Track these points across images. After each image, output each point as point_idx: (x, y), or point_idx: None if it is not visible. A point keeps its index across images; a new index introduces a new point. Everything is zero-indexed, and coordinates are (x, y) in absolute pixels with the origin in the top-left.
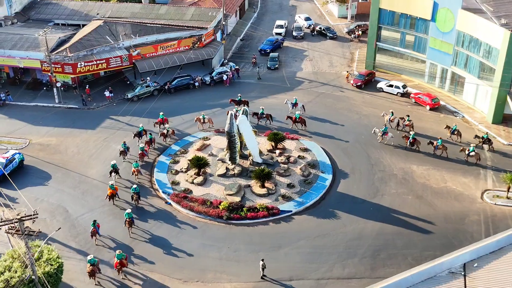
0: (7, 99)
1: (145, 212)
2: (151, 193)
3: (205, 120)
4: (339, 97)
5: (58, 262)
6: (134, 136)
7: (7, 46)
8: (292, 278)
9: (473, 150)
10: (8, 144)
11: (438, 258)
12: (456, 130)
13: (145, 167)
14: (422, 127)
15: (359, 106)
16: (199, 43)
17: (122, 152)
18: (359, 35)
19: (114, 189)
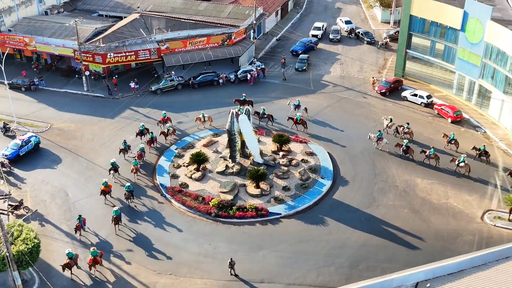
0: (40, 84)
1: (136, 211)
2: (146, 193)
3: (205, 119)
4: (360, 103)
5: (34, 242)
6: (137, 135)
7: (47, 33)
8: (263, 281)
9: (463, 161)
10: (30, 127)
11: (390, 274)
12: (454, 140)
13: (145, 167)
14: (437, 140)
15: (378, 113)
16: (228, 40)
17: (122, 150)
18: (386, 42)
19: (107, 186)
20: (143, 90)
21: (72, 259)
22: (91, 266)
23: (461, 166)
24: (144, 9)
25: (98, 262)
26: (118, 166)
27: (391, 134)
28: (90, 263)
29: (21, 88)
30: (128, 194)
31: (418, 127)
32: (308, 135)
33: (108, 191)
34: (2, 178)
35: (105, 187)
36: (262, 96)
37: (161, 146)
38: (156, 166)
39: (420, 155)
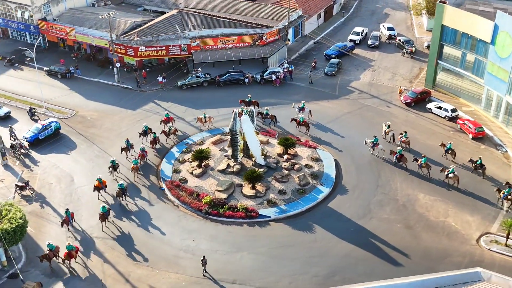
0: (76, 72)
1: (126, 209)
2: (139, 193)
3: (206, 119)
4: (382, 112)
5: (19, 223)
6: (140, 135)
7: (87, 25)
8: (235, 282)
9: (453, 172)
10: (57, 113)
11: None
12: (451, 149)
13: (148, 167)
14: (458, 156)
15: (398, 124)
16: (259, 41)
17: (125, 149)
18: (411, 51)
19: (101, 182)
20: (170, 85)
21: (52, 251)
22: (64, 260)
23: (450, 177)
24: (186, 5)
25: (73, 256)
26: (117, 165)
27: (387, 140)
28: (65, 257)
29: (58, 75)
30: (120, 191)
31: (436, 140)
32: (313, 140)
33: (102, 187)
34: (19, 159)
35: (99, 183)
36: (284, 98)
37: (161, 146)
38: (162, 160)
39: (415, 165)
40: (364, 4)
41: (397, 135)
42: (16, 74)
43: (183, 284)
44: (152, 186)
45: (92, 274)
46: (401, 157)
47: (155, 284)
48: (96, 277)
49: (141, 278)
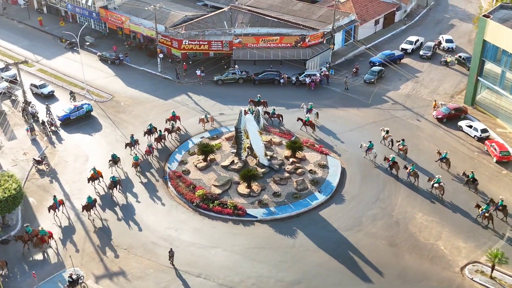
0: (125, 59)
1: (118, 199)
2: (135, 188)
3: (208, 120)
4: (409, 125)
5: (12, 193)
6: (145, 134)
7: (142, 15)
8: (200, 276)
9: (438, 182)
10: (95, 96)
11: None
12: (445, 158)
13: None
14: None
15: (421, 139)
16: (302, 42)
17: (128, 144)
18: (447, 61)
19: (96, 173)
20: (208, 79)
21: (28, 233)
22: (36, 244)
23: (436, 187)
24: (244, 3)
25: (45, 241)
26: (118, 159)
27: (386, 145)
28: (37, 241)
29: (108, 61)
30: (111, 184)
31: (456, 160)
32: (326, 146)
33: (96, 178)
34: (47, 135)
35: (93, 174)
36: (315, 102)
37: (162, 147)
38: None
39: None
40: (432, 13)
41: (396, 140)
42: (73, 57)
43: (151, 271)
44: (149, 183)
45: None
46: (394, 164)
47: (125, 267)
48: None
49: (114, 260)
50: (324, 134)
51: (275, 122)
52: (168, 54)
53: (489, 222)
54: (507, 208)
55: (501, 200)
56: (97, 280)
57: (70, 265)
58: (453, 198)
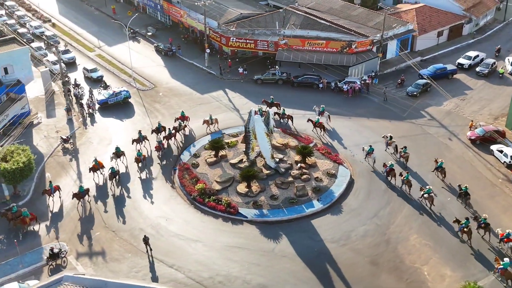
0: (177, 52)
1: (112, 190)
2: (134, 179)
3: (212, 121)
4: (438, 144)
5: (19, 166)
6: (152, 132)
7: (200, 10)
8: (173, 266)
9: (428, 192)
10: (139, 84)
11: None
12: (441, 168)
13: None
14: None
15: (446, 159)
16: (348, 48)
17: (136, 140)
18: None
19: (97, 164)
20: (249, 77)
21: (13, 213)
22: (16, 223)
23: (425, 197)
24: (305, 4)
25: (26, 222)
26: (121, 152)
27: (389, 152)
28: (18, 221)
29: (162, 52)
30: (111, 175)
31: (475, 184)
32: (339, 152)
33: (98, 168)
34: (83, 117)
35: (95, 164)
36: (345, 109)
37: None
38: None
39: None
40: (508, 29)
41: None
42: (132, 45)
43: (129, 255)
44: (152, 175)
45: (59, 227)
46: (390, 171)
47: (107, 248)
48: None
49: (100, 240)
50: (345, 143)
51: (284, 123)
52: (219, 50)
53: (468, 238)
54: (489, 226)
55: (484, 218)
56: (77, 257)
57: (59, 240)
58: (447, 214)
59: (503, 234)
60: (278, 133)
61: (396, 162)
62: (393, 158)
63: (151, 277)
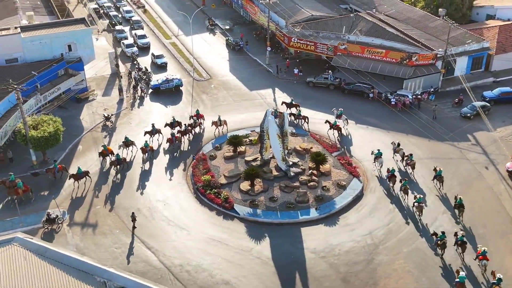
0: (245, 47)
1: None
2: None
3: (221, 123)
4: (472, 170)
5: (44, 135)
6: (165, 126)
7: (274, 9)
8: (151, 249)
9: (419, 201)
10: (197, 74)
11: None
12: (439, 176)
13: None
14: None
15: (472, 188)
16: (408, 60)
17: (148, 132)
18: None
19: (106, 149)
20: (303, 79)
21: (10, 181)
22: (9, 193)
23: (415, 206)
24: (385, 11)
25: (18, 193)
26: (130, 142)
27: (396, 159)
28: (11, 191)
29: (230, 46)
30: (115, 161)
31: (493, 220)
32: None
33: (106, 154)
34: (134, 98)
35: (104, 150)
36: (385, 123)
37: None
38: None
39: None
40: None
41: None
42: (207, 37)
43: (116, 232)
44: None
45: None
46: (391, 176)
47: (101, 223)
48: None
49: (98, 215)
50: (371, 156)
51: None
52: (285, 49)
53: (442, 252)
54: (466, 245)
55: (462, 236)
56: (71, 225)
57: (61, 208)
58: (437, 226)
59: (480, 251)
60: (306, 137)
61: (406, 171)
62: (401, 165)
63: (126, 255)
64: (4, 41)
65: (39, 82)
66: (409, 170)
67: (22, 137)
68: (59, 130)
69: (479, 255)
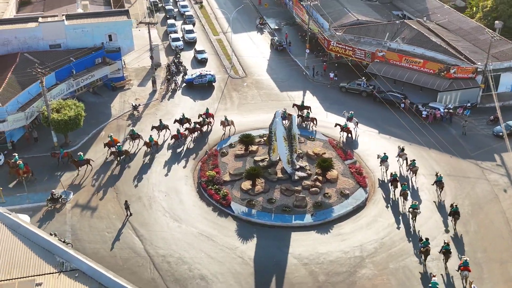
0: (288, 48)
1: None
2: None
3: (229, 123)
4: (487, 191)
5: (64, 119)
6: (175, 122)
7: (321, 12)
8: (140, 236)
9: (413, 207)
10: (233, 72)
11: None
12: (439, 182)
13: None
14: (489, 269)
15: (484, 209)
16: (445, 72)
17: (156, 127)
18: None
19: (112, 140)
20: (337, 84)
21: (14, 162)
22: (11, 172)
23: (409, 211)
24: (436, 20)
25: (19, 174)
26: (136, 135)
27: (399, 163)
28: (12, 171)
29: (274, 46)
30: (116, 152)
31: (497, 246)
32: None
33: (112, 145)
34: (167, 91)
35: (110, 141)
36: (411, 135)
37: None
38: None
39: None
40: None
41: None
42: (253, 35)
43: (113, 217)
44: (172, 156)
45: (71, 180)
46: (393, 181)
47: (100, 206)
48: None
49: (100, 199)
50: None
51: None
52: (326, 52)
53: (424, 258)
54: (450, 254)
55: (446, 245)
56: (73, 206)
57: (67, 189)
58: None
59: (462, 262)
60: (323, 142)
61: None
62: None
63: (113, 240)
64: (49, 27)
65: (74, 68)
66: (412, 175)
67: (44, 118)
68: (80, 115)
69: (461, 266)
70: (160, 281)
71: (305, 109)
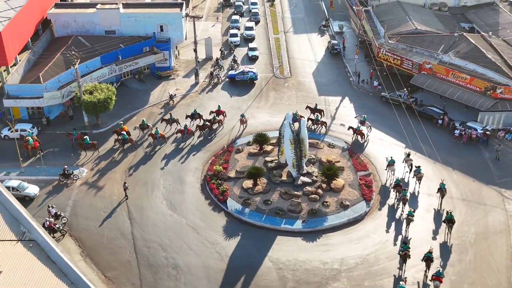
0: (342, 52)
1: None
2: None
3: (245, 121)
4: (501, 222)
5: (94, 102)
6: (187, 117)
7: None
8: (131, 219)
9: (409, 214)
10: (279, 72)
11: None
12: (441, 189)
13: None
14: None
15: (492, 240)
16: (492, 91)
17: (165, 121)
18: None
19: (121, 128)
20: (379, 92)
21: (24, 137)
22: (21, 146)
23: (405, 218)
24: (504, 36)
25: (28, 148)
26: (146, 126)
27: (405, 169)
28: (22, 145)
29: (329, 49)
30: (121, 140)
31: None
32: None
33: (120, 132)
34: (209, 84)
35: (119, 129)
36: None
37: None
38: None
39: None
40: None
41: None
42: (313, 37)
43: (114, 198)
44: (189, 149)
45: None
46: (396, 186)
47: (106, 186)
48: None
49: (110, 179)
50: None
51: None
52: (377, 59)
53: (403, 263)
54: (431, 262)
55: (429, 252)
56: (82, 184)
57: (85, 167)
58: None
59: (435, 272)
60: (341, 149)
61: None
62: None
63: (104, 218)
64: (105, 14)
65: (121, 54)
66: (416, 182)
67: (77, 99)
68: (110, 99)
69: (433, 275)
70: (134, 264)
71: (317, 111)
